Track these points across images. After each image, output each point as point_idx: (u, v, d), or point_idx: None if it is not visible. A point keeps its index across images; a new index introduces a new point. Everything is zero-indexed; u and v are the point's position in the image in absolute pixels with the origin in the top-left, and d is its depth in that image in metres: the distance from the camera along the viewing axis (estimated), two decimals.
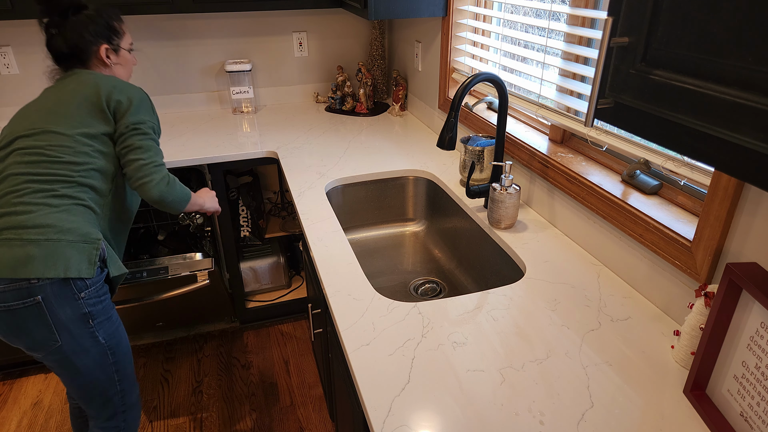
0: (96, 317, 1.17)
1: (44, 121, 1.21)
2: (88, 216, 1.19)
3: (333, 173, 1.72)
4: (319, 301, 1.49)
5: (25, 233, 1.08)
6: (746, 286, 0.73)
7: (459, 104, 1.23)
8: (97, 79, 1.30)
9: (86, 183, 1.20)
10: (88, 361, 1.19)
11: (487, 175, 1.52)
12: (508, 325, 1.01)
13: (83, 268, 1.12)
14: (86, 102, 1.25)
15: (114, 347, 1.24)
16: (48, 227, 1.10)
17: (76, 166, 1.19)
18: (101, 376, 1.23)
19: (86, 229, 1.16)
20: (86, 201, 1.19)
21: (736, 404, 0.78)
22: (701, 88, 0.47)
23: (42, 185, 1.14)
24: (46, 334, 1.12)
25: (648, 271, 1.07)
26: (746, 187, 0.84)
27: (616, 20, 0.56)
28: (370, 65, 2.51)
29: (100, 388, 1.24)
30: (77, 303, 1.13)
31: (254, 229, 2.25)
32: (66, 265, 1.09)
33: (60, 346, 1.14)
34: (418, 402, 0.84)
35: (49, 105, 1.25)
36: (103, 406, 1.28)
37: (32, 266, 1.06)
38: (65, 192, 1.16)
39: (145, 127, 1.27)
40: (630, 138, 1.15)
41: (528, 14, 1.55)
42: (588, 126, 0.62)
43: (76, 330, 1.14)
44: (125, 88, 1.32)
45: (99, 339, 1.20)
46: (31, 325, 1.10)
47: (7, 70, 2.16)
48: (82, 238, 1.13)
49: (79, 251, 1.12)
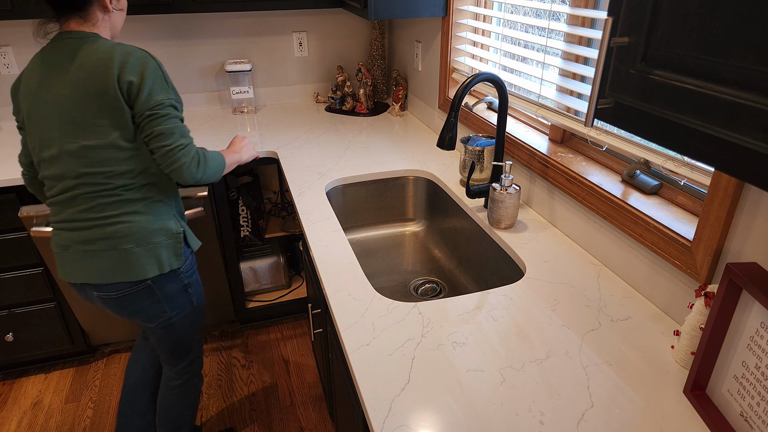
0: (192, 286, 1.41)
1: (75, 134, 1.18)
2: (162, 208, 1.31)
3: (333, 173, 1.72)
4: (319, 301, 1.49)
5: (120, 243, 1.24)
6: (746, 286, 0.73)
7: (459, 104, 1.23)
8: (99, 54, 1.16)
9: (146, 182, 1.26)
10: (185, 320, 1.43)
11: (487, 175, 1.52)
12: (508, 325, 1.01)
13: (173, 261, 1.32)
14: (103, 100, 1.16)
15: (200, 306, 1.48)
16: (138, 236, 1.25)
17: (130, 173, 1.23)
18: (190, 331, 1.48)
19: (166, 224, 1.30)
20: (154, 196, 1.29)
21: (736, 404, 0.78)
22: (701, 88, 0.47)
23: (112, 198, 1.23)
24: (158, 308, 1.35)
25: (648, 271, 1.07)
26: (746, 187, 0.84)
27: (616, 20, 0.56)
28: (370, 65, 2.51)
29: (186, 341, 1.48)
30: (179, 278, 1.36)
31: (254, 229, 2.25)
32: (160, 264, 1.29)
33: (168, 315, 1.38)
34: (418, 402, 0.84)
35: (68, 109, 1.17)
36: (184, 355, 1.52)
37: (134, 270, 1.26)
38: (133, 197, 1.25)
39: (163, 109, 1.19)
40: (630, 138, 1.15)
41: (528, 14, 1.55)
42: (588, 126, 0.62)
43: (179, 299, 1.38)
44: (133, 62, 1.16)
45: (193, 302, 1.44)
46: (146, 304, 1.33)
47: (7, 70, 2.16)
48: (166, 237, 1.30)
49: (167, 248, 1.30)
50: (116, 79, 1.15)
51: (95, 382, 2.13)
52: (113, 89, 1.15)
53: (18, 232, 1.85)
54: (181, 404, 1.57)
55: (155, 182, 1.28)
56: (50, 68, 1.19)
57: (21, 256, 1.89)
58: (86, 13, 1.21)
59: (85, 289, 1.30)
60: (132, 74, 1.16)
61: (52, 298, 2.01)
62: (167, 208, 1.32)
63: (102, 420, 1.96)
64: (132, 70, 1.16)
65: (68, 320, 2.08)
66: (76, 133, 1.18)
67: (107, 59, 1.16)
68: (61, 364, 2.23)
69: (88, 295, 1.32)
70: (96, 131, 1.18)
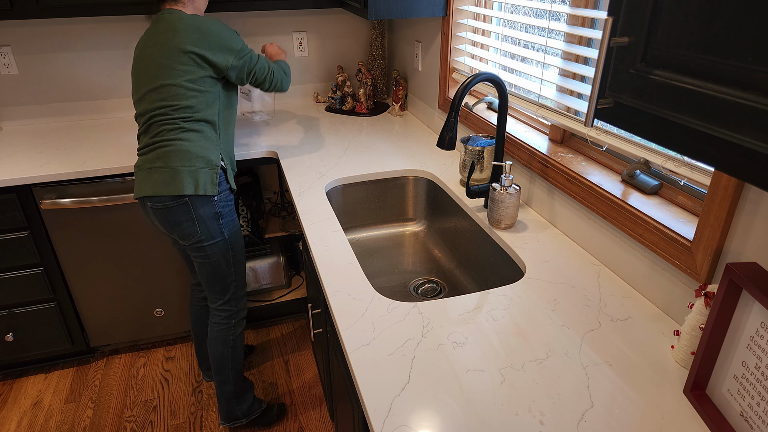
0: (224, 217, 1.60)
1: (158, 76, 1.50)
2: (208, 143, 1.54)
3: (333, 173, 1.72)
4: (319, 301, 1.49)
5: (171, 161, 1.50)
6: (746, 286, 0.73)
7: (459, 104, 1.23)
8: (178, 26, 1.49)
9: (202, 118, 1.53)
10: (216, 249, 1.61)
11: (487, 175, 1.52)
12: (508, 325, 1.01)
13: (208, 187, 1.53)
14: (180, 53, 1.48)
15: (233, 243, 1.65)
16: (184, 156, 1.50)
17: (190, 109, 1.51)
18: (223, 264, 1.64)
19: (210, 155, 1.54)
20: (206, 131, 1.55)
21: (736, 404, 0.78)
22: (701, 88, 0.47)
23: (173, 125, 1.51)
24: (192, 227, 1.55)
25: (648, 271, 1.07)
26: (746, 187, 0.84)
27: (616, 20, 0.56)
28: (370, 65, 2.51)
29: (221, 274, 1.65)
30: (212, 204, 1.56)
31: (254, 229, 2.25)
32: (197, 185, 1.51)
33: (199, 237, 1.57)
34: (418, 402, 0.84)
35: (156, 57, 1.50)
36: (222, 291, 1.68)
37: (176, 185, 1.50)
38: (190, 127, 1.52)
39: (236, 61, 1.54)
40: (630, 138, 1.15)
41: (528, 14, 1.55)
42: (588, 126, 0.62)
43: (210, 224, 1.57)
44: (199, 37, 1.48)
45: (224, 233, 1.61)
46: (182, 219, 1.54)
47: (7, 70, 2.16)
48: (206, 165, 1.53)
49: (205, 175, 1.53)
50: (191, 50, 1.48)
51: (95, 382, 2.13)
52: (192, 54, 1.48)
53: (18, 232, 1.85)
54: (220, 341, 1.72)
55: (210, 121, 1.55)
56: (147, 37, 1.54)
57: (21, 256, 1.89)
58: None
59: (145, 202, 1.55)
60: (199, 47, 1.48)
61: (52, 298, 2.01)
62: (213, 145, 1.55)
63: (102, 420, 1.96)
64: (199, 43, 1.48)
65: (68, 320, 2.08)
66: (157, 75, 1.50)
67: (180, 34, 1.49)
68: (61, 364, 2.23)
69: (146, 210, 1.58)
70: (170, 73, 1.49)
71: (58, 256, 1.95)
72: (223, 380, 1.76)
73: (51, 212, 1.86)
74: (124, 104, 2.35)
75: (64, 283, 2.00)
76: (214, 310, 1.72)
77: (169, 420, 1.95)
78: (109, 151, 1.95)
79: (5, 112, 2.23)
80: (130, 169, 1.85)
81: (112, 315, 2.13)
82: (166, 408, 2.01)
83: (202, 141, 1.53)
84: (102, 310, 2.10)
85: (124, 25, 2.22)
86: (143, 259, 2.05)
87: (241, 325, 1.76)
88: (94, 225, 1.93)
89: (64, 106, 2.28)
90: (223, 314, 1.71)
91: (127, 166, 1.84)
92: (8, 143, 2.05)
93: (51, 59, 2.19)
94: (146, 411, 1.99)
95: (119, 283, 2.07)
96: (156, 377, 2.15)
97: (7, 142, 2.07)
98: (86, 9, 1.87)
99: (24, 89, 2.21)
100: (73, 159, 1.88)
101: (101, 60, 2.25)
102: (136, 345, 2.32)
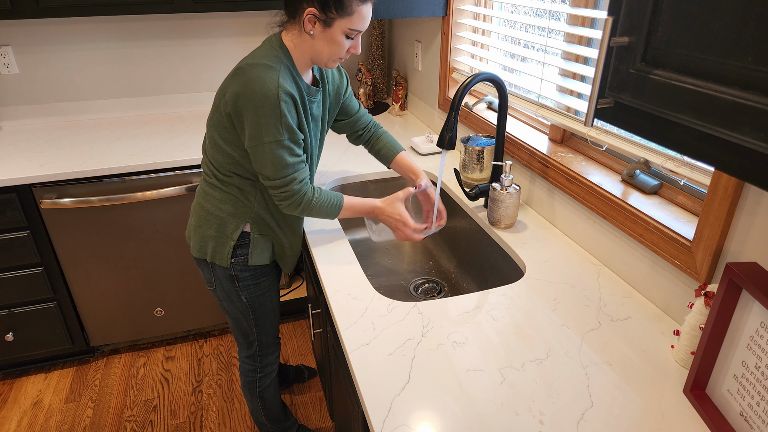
0: (241, 281, 1.39)
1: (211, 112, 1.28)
2: (237, 205, 1.30)
3: (333, 173, 1.72)
4: (319, 301, 1.49)
5: (195, 209, 1.35)
6: (746, 286, 0.73)
7: (459, 104, 1.23)
8: (240, 70, 1.16)
9: (231, 181, 1.28)
10: (234, 309, 1.45)
11: (487, 175, 1.52)
12: (508, 325, 1.01)
13: (217, 259, 1.34)
14: (221, 102, 1.19)
15: (255, 307, 1.46)
16: (204, 214, 1.32)
17: (219, 165, 1.27)
18: (244, 323, 1.48)
19: (230, 221, 1.30)
20: (234, 192, 1.30)
21: (735, 404, 0.78)
22: (701, 88, 0.47)
23: (205, 172, 1.33)
24: (209, 278, 1.40)
25: (648, 270, 1.07)
26: (746, 187, 0.84)
27: (616, 20, 0.56)
28: (370, 65, 2.51)
29: (242, 330, 1.51)
30: (227, 267, 1.36)
31: None
32: (204, 252, 1.35)
33: (215, 290, 1.42)
34: (418, 402, 0.84)
35: (222, 82, 1.24)
36: (246, 345, 1.55)
37: (191, 243, 1.37)
38: (215, 183, 1.30)
39: (260, 146, 1.16)
40: (630, 138, 1.15)
41: (528, 14, 1.55)
42: (588, 126, 0.62)
43: (225, 284, 1.39)
44: (245, 100, 1.13)
45: (242, 297, 1.42)
46: (203, 266, 1.39)
47: (7, 70, 2.16)
48: (220, 233, 1.31)
49: (217, 244, 1.32)
50: (230, 107, 1.15)
51: (95, 382, 2.13)
52: (229, 111, 1.17)
53: (18, 231, 1.85)
54: (248, 390, 1.63)
55: (238, 182, 1.29)
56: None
57: (21, 255, 1.89)
58: (291, 24, 1.20)
59: None
60: (239, 106, 1.14)
61: (52, 298, 2.01)
62: (240, 209, 1.30)
63: (102, 420, 1.96)
64: (241, 107, 1.14)
65: (68, 320, 2.08)
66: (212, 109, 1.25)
67: (238, 80, 1.14)
68: (61, 364, 2.23)
69: None
70: (212, 120, 1.24)
71: (58, 256, 1.95)
72: (259, 424, 1.70)
73: (51, 212, 1.86)
74: (123, 104, 2.35)
75: (64, 283, 2.00)
76: (240, 359, 1.60)
77: (169, 420, 1.95)
78: (109, 151, 1.95)
79: (5, 112, 2.23)
80: (130, 169, 1.85)
81: (112, 315, 2.13)
82: (166, 408, 2.01)
83: (227, 203, 1.29)
84: (102, 310, 2.10)
85: (124, 25, 2.22)
86: (143, 258, 2.05)
87: (269, 378, 1.62)
88: (94, 225, 1.92)
89: (64, 106, 2.28)
90: (248, 366, 1.59)
91: (127, 166, 1.84)
92: (8, 143, 2.05)
93: (51, 59, 2.19)
94: (146, 411, 1.99)
95: (119, 283, 2.07)
96: (156, 377, 2.15)
97: (7, 142, 2.07)
98: (86, 9, 1.87)
99: (24, 89, 2.21)
100: (73, 159, 1.88)
101: (101, 60, 2.25)
102: (136, 345, 2.32)
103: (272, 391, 1.64)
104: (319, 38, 1.17)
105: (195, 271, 2.14)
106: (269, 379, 1.62)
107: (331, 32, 1.16)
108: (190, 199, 1.98)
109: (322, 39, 1.17)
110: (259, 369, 1.59)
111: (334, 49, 1.19)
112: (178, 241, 2.05)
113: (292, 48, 1.20)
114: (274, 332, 1.56)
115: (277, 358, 1.63)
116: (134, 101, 2.36)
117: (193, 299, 2.20)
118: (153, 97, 2.38)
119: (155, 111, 2.41)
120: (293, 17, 1.18)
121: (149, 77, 2.34)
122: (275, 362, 1.61)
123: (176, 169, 1.93)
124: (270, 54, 1.17)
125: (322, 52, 1.19)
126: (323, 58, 1.21)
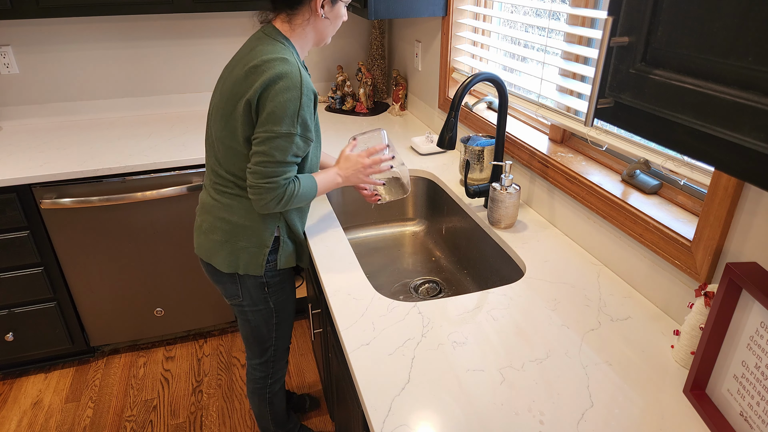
0: (271, 287, 1.40)
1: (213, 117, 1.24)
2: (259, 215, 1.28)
3: None
4: (319, 301, 1.49)
5: (210, 230, 1.31)
6: (746, 285, 0.73)
7: (459, 104, 1.23)
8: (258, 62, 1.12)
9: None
10: (258, 315, 1.44)
11: (487, 175, 1.52)
12: (508, 325, 1.01)
13: (251, 269, 1.33)
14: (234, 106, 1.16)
15: (279, 311, 1.47)
16: (230, 228, 1.28)
17: (241, 173, 1.23)
18: (264, 330, 1.49)
19: (263, 228, 1.28)
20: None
21: (736, 404, 0.78)
22: (701, 88, 0.47)
23: (220, 185, 1.28)
24: (235, 289, 1.38)
25: (648, 270, 1.07)
26: (746, 187, 0.84)
27: (616, 20, 0.56)
28: (370, 65, 2.51)
29: (260, 338, 1.50)
30: (261, 275, 1.35)
31: None
32: (236, 266, 1.32)
33: (241, 302, 1.41)
34: (418, 402, 0.84)
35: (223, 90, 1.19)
36: (260, 353, 1.54)
37: (216, 260, 1.32)
38: (238, 193, 1.26)
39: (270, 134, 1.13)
40: (630, 138, 1.15)
41: (528, 14, 1.55)
42: (588, 126, 0.62)
43: (254, 292, 1.39)
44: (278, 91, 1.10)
45: (270, 303, 1.43)
46: (226, 281, 1.37)
47: (7, 70, 2.16)
48: (254, 243, 1.30)
49: (251, 255, 1.31)
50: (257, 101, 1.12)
51: (95, 382, 2.13)
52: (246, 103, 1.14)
53: (18, 231, 1.85)
54: (257, 397, 1.63)
55: None
56: (232, 60, 1.23)
57: (21, 255, 1.89)
58: (294, 13, 1.18)
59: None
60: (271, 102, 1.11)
61: (52, 298, 2.01)
62: (271, 213, 1.27)
63: (102, 420, 1.96)
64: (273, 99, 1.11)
65: (68, 320, 2.08)
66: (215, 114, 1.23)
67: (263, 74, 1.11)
68: (61, 364, 2.23)
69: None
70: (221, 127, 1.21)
71: (58, 256, 1.95)
72: (263, 429, 1.71)
73: (51, 212, 1.86)
74: (123, 104, 2.35)
75: (64, 282, 2.00)
76: (250, 366, 1.59)
77: (169, 420, 1.95)
78: (109, 151, 1.95)
79: (5, 111, 2.23)
80: (129, 169, 1.85)
81: (112, 315, 2.13)
82: (166, 408, 2.01)
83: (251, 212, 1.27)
84: (102, 310, 2.10)
85: (124, 25, 2.22)
86: (143, 258, 2.05)
87: (280, 383, 1.63)
88: (94, 225, 1.92)
89: (64, 106, 2.28)
90: (258, 374, 1.58)
91: (126, 166, 1.84)
92: (8, 143, 2.05)
93: (51, 59, 2.19)
94: (146, 411, 1.99)
95: (119, 283, 2.07)
96: (156, 377, 2.15)
97: (7, 141, 2.07)
98: (86, 9, 1.87)
99: (24, 89, 2.21)
100: (73, 159, 1.88)
101: (101, 60, 2.25)
102: (136, 345, 2.32)
103: (281, 396, 1.65)
104: (329, 17, 1.22)
105: (195, 271, 2.14)
106: (279, 385, 1.62)
107: (336, 8, 1.22)
108: (190, 199, 1.98)
109: (331, 17, 1.22)
110: (270, 375, 1.59)
111: (336, 24, 1.25)
112: (178, 241, 2.05)
113: (296, 37, 1.21)
114: (290, 336, 1.58)
115: (287, 363, 1.65)
116: (134, 101, 2.36)
117: (193, 299, 2.20)
118: (153, 97, 2.38)
119: (155, 111, 2.41)
120: (299, 4, 1.17)
121: (149, 77, 2.34)
122: (285, 367, 1.63)
123: (176, 169, 1.93)
124: (278, 48, 1.17)
125: (327, 32, 1.24)
126: (326, 37, 1.26)
